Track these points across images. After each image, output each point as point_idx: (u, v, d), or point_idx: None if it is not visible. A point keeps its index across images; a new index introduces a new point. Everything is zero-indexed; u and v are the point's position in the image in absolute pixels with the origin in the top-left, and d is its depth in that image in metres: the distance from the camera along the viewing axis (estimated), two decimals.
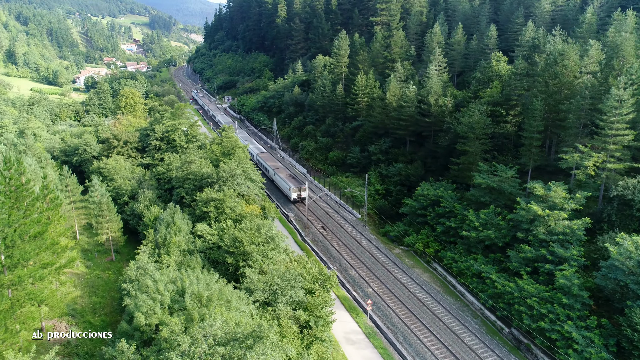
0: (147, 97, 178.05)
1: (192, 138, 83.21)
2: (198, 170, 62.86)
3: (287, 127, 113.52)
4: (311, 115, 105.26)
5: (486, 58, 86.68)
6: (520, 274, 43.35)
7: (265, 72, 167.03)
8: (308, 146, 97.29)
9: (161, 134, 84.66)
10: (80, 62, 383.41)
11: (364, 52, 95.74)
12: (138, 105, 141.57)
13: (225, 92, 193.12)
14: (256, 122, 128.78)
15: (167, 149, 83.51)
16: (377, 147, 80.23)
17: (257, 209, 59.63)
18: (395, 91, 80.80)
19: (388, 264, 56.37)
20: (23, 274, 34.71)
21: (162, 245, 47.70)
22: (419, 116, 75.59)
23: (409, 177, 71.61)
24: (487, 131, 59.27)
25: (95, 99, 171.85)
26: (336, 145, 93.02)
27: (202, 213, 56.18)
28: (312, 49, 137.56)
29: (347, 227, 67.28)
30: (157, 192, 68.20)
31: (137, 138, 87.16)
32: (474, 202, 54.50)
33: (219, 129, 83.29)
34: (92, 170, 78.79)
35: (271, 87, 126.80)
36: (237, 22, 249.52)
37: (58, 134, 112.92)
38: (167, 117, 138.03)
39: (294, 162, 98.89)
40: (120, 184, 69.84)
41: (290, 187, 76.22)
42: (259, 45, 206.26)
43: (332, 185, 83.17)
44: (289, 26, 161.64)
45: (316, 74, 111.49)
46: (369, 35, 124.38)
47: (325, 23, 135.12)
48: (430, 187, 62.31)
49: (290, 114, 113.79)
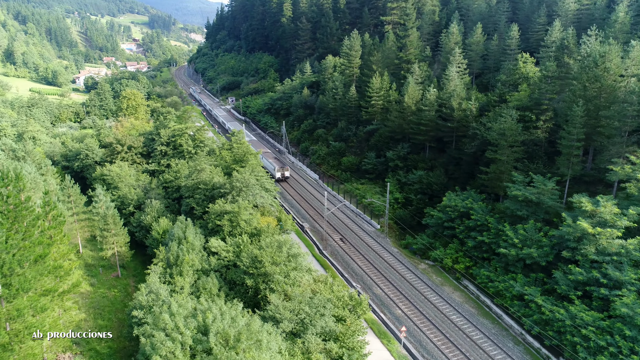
0: (149, 98, 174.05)
1: (199, 143, 79.17)
2: (209, 179, 58.88)
3: (296, 130, 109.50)
4: (322, 118, 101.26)
5: (507, 59, 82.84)
6: (570, 299, 39.45)
7: (270, 73, 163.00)
8: (319, 151, 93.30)
9: (167, 139, 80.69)
10: (79, 62, 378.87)
11: (378, 53, 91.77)
12: (140, 107, 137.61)
13: (229, 92, 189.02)
14: (263, 125, 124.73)
15: (174, 154, 79.55)
16: (394, 153, 76.28)
17: (273, 222, 55.70)
18: (413, 94, 76.87)
19: (415, 281, 52.46)
20: (22, 305, 30.74)
21: (174, 264, 43.74)
22: (440, 121, 71.68)
23: (430, 185, 67.66)
24: (519, 138, 55.35)
25: (95, 100, 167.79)
26: (349, 150, 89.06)
27: (215, 226, 52.24)
28: (319, 49, 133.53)
29: (366, 239, 63.35)
30: (165, 202, 64.22)
31: (142, 143, 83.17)
32: (508, 215, 50.58)
33: (228, 134, 79.36)
34: (95, 177, 74.90)
35: (278, 89, 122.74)
36: (239, 22, 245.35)
37: (58, 138, 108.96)
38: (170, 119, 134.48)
39: (304, 167, 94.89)
40: (125, 192, 65.87)
41: (275, 168, 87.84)
42: (262, 45, 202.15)
43: (346, 192, 79.23)
44: (295, 26, 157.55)
45: (326, 75, 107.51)
46: (378, 35, 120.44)
47: (333, 22, 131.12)
48: (457, 198, 58.38)
49: (299, 117, 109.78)
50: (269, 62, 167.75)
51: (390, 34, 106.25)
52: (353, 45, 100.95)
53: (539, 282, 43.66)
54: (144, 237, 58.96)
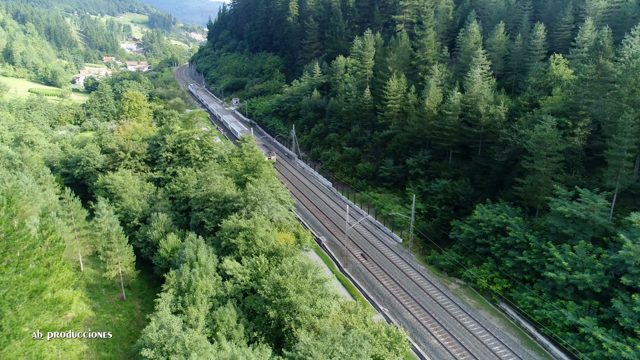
0: (151, 99, 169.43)
1: (207, 150, 74.63)
2: (220, 191, 54.35)
3: (305, 134, 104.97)
4: (333, 122, 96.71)
5: (532, 60, 78.38)
6: (635, 333, 34.97)
7: (276, 73, 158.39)
8: (332, 156, 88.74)
9: (173, 145, 76.13)
10: (79, 62, 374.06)
11: (393, 54, 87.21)
12: (142, 109, 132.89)
13: (233, 93, 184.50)
14: (270, 128, 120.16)
15: (180, 161, 75.03)
16: (415, 160, 71.76)
17: (291, 238, 51.21)
18: (435, 97, 72.37)
19: (448, 304, 47.97)
20: (15, 353, 26.25)
21: (185, 290, 39.27)
22: (464, 126, 67.18)
23: (456, 195, 63.14)
24: (559, 147, 50.83)
25: (96, 102, 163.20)
26: (365, 156, 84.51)
27: (229, 244, 47.72)
28: (328, 49, 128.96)
29: (389, 255, 58.84)
30: (172, 215, 59.69)
31: (146, 149, 78.62)
32: (552, 233, 46.06)
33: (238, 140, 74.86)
34: (96, 186, 70.43)
35: (286, 90, 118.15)
36: (242, 21, 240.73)
37: (58, 142, 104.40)
38: (174, 121, 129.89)
39: (315, 174, 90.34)
40: (129, 204, 61.34)
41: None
42: (266, 44, 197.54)
43: (363, 201, 74.71)
44: (302, 25, 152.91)
45: (337, 77, 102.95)
46: (389, 34, 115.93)
47: (342, 21, 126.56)
48: (490, 211, 53.87)
49: (309, 120, 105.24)
50: (274, 63, 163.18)
51: (404, 34, 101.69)
52: (366, 45, 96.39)
53: (593, 311, 39.17)
54: (150, 254, 54.46)
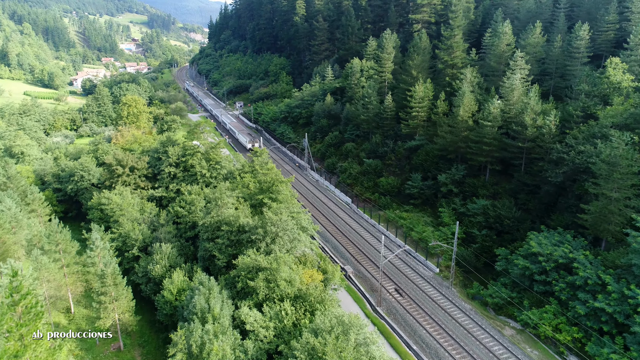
0: (151, 103, 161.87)
1: (215, 164, 66.90)
2: (234, 218, 46.64)
3: (318, 143, 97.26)
4: (350, 130, 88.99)
5: (574, 64, 70.77)
6: None
7: (282, 76, 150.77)
8: (350, 169, 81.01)
9: (176, 159, 68.41)
10: (77, 63, 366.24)
11: (417, 56, 79.53)
12: (142, 115, 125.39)
13: (236, 97, 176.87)
14: (278, 135, 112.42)
15: (184, 177, 67.32)
16: (448, 176, 64.08)
17: (318, 276, 43.55)
18: (470, 105, 64.73)
19: (507, 357, 40.29)
20: None
21: (197, 354, 31.62)
22: (506, 139, 59.58)
23: (499, 219, 55.49)
24: (635, 169, 43.21)
25: (93, 106, 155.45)
26: (387, 169, 76.85)
27: (246, 286, 40.05)
28: (340, 50, 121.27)
29: (427, 289, 51.16)
30: (177, 244, 51.95)
31: (146, 163, 70.89)
32: (636, 275, 38.42)
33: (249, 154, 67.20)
34: (91, 206, 62.77)
35: (296, 95, 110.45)
36: (245, 21, 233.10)
37: (51, 152, 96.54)
38: (175, 128, 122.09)
39: (331, 187, 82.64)
40: (128, 230, 53.62)
41: (247, 140, 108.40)
42: (270, 45, 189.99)
43: (389, 222, 67.03)
44: (310, 25, 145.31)
45: (352, 81, 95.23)
46: (405, 35, 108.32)
47: (355, 21, 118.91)
48: (547, 241, 46.25)
49: (322, 128, 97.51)
50: (280, 65, 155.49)
51: (424, 35, 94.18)
52: (385, 46, 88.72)
53: None
54: (152, 292, 46.78)
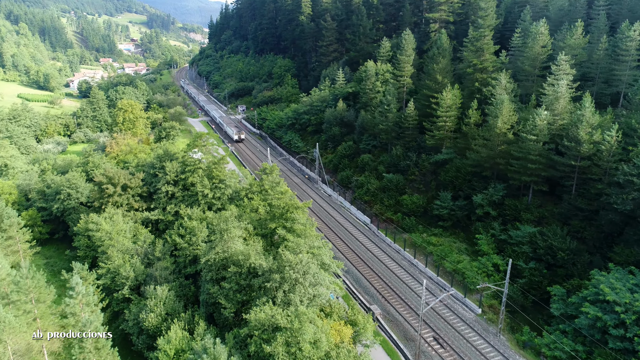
0: (149, 107, 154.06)
1: (218, 183, 58.93)
2: (243, 257, 38.73)
3: (330, 153, 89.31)
4: (366, 140, 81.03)
5: (622, 68, 62.90)
6: None
7: (287, 79, 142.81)
8: (367, 183, 73.08)
9: (175, 176, 60.49)
10: (74, 64, 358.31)
11: (443, 59, 71.58)
12: (139, 121, 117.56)
13: (238, 100, 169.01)
14: (285, 144, 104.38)
15: (184, 197, 59.39)
16: (484, 196, 56.15)
17: (347, 331, 35.68)
18: (509, 116, 56.84)
19: None
20: None
21: None
22: (555, 156, 51.71)
23: (551, 250, 47.59)
24: None
25: (88, 110, 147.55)
26: (410, 185, 68.93)
27: (260, 350, 32.15)
28: (350, 51, 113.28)
29: (471, 337, 43.25)
30: (175, 283, 44.05)
31: (141, 180, 62.95)
32: None
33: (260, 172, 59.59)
34: (77, 231, 55.07)
35: (304, 100, 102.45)
36: (246, 20, 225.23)
37: (38, 164, 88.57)
38: (175, 135, 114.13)
39: (346, 204, 74.67)
40: (117, 265, 45.76)
41: (233, 132, 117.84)
42: (273, 46, 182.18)
43: (416, 247, 59.12)
44: (316, 25, 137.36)
45: (367, 86, 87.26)
46: (420, 36, 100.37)
47: (366, 20, 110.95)
48: (620, 284, 38.36)
49: (334, 137, 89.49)
50: (284, 66, 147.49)
51: (444, 36, 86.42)
52: (404, 48, 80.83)
53: None
54: (145, 346, 38.88)
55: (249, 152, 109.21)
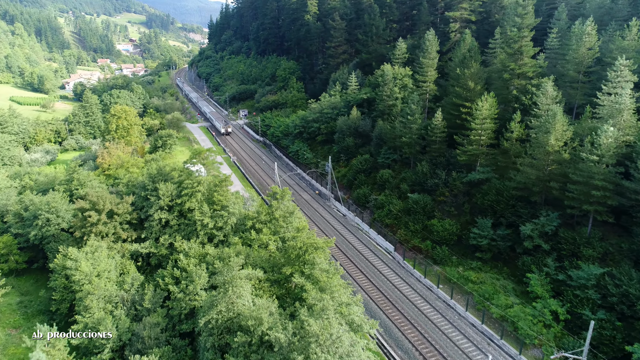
0: (145, 112, 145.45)
1: (221, 210, 50.27)
2: (254, 322, 30.14)
3: (343, 167, 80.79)
4: (385, 153, 72.39)
5: None
6: None
7: (291, 82, 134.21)
8: (389, 204, 64.48)
9: (169, 200, 51.91)
10: (71, 65, 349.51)
11: (475, 63, 62.96)
12: (133, 128, 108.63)
13: (240, 104, 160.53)
14: (292, 155, 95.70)
15: (180, 226, 50.84)
16: (534, 227, 47.58)
17: None
18: (562, 132, 48.27)
19: None
20: None
21: None
22: (625, 181, 43.16)
23: (627, 298, 39.05)
24: None
25: (80, 115, 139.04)
26: (439, 207, 60.33)
27: None
28: (362, 53, 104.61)
29: None
30: (167, 348, 35.42)
31: (131, 204, 54.36)
32: None
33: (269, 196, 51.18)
34: (54, 268, 46.67)
35: (314, 107, 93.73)
36: (248, 20, 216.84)
37: (19, 179, 79.96)
38: (172, 145, 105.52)
39: (363, 226, 66.10)
40: (97, 318, 37.14)
41: (221, 125, 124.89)
42: (276, 47, 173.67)
43: (451, 283, 50.53)
44: (323, 24, 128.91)
45: (384, 92, 78.64)
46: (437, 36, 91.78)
47: (379, 19, 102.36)
48: None
49: (347, 148, 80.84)
50: (289, 69, 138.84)
51: (468, 36, 78.17)
52: (427, 50, 72.29)
53: None
54: None
55: (252, 163, 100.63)
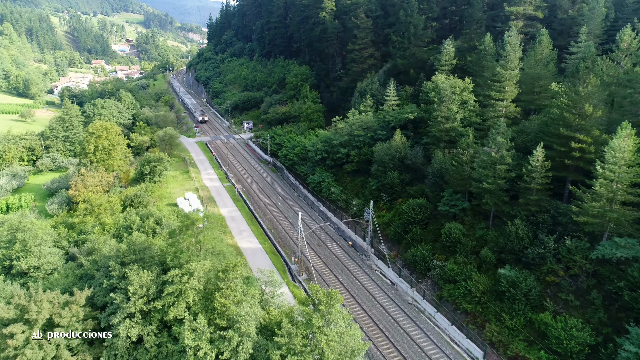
0: (134, 124, 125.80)
1: (227, 323, 30.63)
2: None
3: (383, 209, 61.24)
4: (450, 199, 52.61)
5: None
6: None
7: (304, 90, 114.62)
8: (465, 278, 44.93)
9: (144, 302, 32.39)
10: (62, 67, 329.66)
11: (592, 77, 43.40)
12: (116, 149, 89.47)
13: (244, 113, 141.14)
14: (313, 187, 75.99)
15: (159, 348, 31.24)
16: None
17: None
18: None
19: None
20: None
21: None
22: None
23: None
24: None
25: (58, 129, 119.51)
26: (550, 293, 40.79)
27: None
28: (396, 58, 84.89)
29: None
30: None
31: (88, 297, 34.84)
32: None
33: (305, 304, 31.52)
34: None
35: (340, 128, 73.99)
36: (251, 19, 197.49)
37: None
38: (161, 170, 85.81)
39: (424, 306, 46.70)
40: None
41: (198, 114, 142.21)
42: (283, 48, 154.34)
43: None
44: (342, 23, 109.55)
45: (439, 112, 59.05)
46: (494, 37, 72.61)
47: (418, 17, 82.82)
48: None
49: (390, 187, 60.97)
50: (301, 75, 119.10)
51: (545, 37, 59.44)
52: (507, 57, 52.81)
53: None
54: None
55: (263, 196, 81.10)
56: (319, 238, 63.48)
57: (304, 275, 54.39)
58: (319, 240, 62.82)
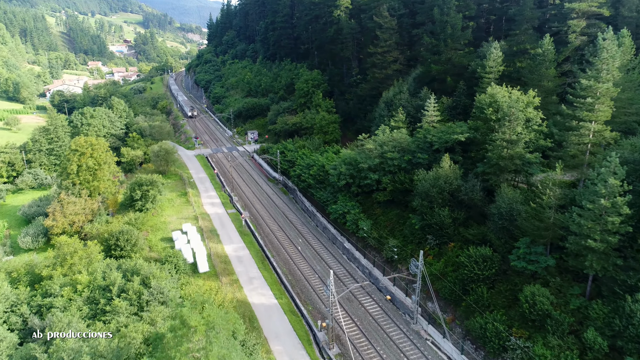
0: (127, 135, 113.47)
1: None
2: None
3: (429, 255, 48.92)
4: (527, 252, 40.20)
5: None
6: None
7: (316, 98, 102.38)
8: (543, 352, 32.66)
9: None
10: (56, 69, 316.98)
11: None
12: (102, 169, 77.51)
13: (247, 122, 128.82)
14: (335, 217, 63.45)
15: None
16: None
17: None
18: None
19: None
20: None
21: None
22: None
23: None
24: None
25: (42, 142, 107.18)
26: None
27: None
28: (430, 63, 72.41)
29: None
30: None
31: None
32: None
33: None
34: None
35: (370, 149, 61.55)
36: (254, 18, 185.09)
37: None
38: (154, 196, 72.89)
39: None
40: None
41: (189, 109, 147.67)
42: (290, 50, 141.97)
43: None
44: (358, 23, 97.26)
45: (501, 134, 46.75)
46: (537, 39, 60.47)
47: (456, 15, 70.55)
48: None
49: (440, 227, 48.59)
50: (312, 81, 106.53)
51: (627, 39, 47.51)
52: (599, 65, 40.51)
53: None
54: None
55: (274, 227, 68.73)
56: (347, 288, 51.02)
57: (335, 348, 42.06)
58: (349, 293, 50.47)
